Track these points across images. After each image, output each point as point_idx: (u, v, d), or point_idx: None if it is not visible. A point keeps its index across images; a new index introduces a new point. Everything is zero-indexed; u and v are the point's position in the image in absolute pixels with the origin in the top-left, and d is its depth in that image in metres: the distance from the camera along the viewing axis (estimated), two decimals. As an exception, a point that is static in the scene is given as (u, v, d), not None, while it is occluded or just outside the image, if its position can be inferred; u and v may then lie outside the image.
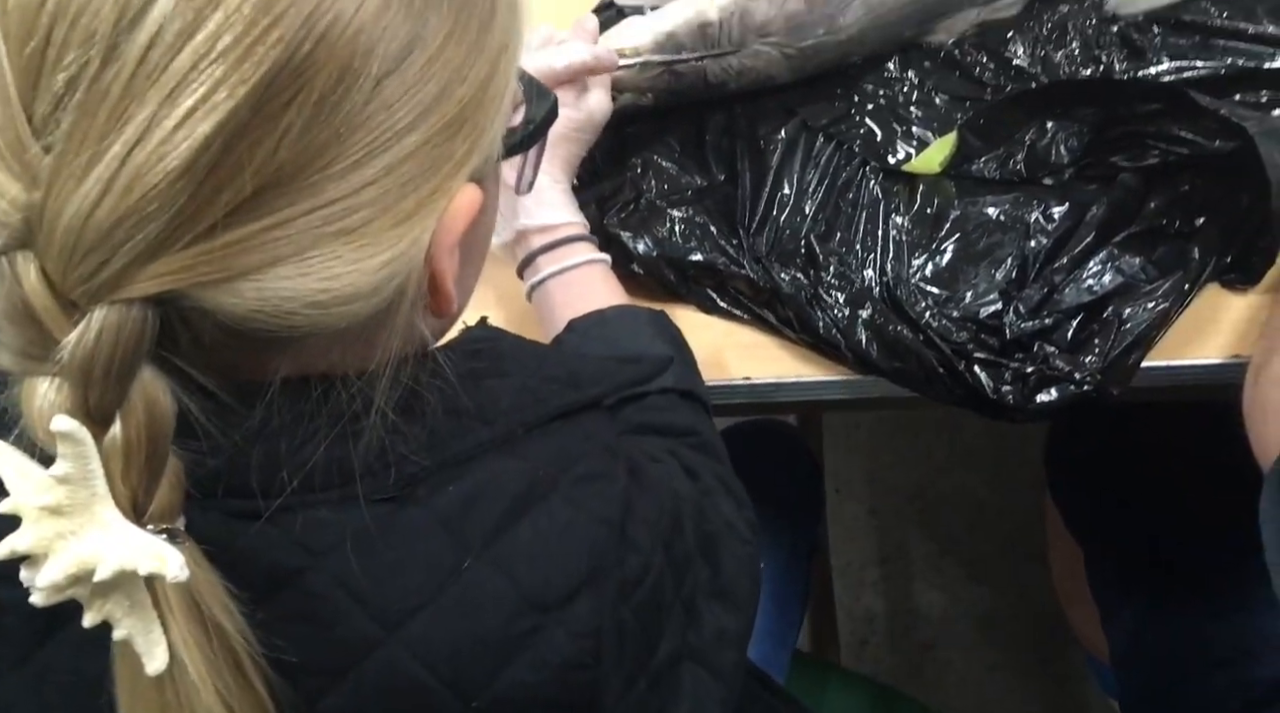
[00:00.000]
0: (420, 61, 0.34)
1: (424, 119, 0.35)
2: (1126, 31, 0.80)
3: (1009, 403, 0.64)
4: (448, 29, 0.35)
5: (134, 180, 0.31)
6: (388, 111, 0.34)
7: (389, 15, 0.33)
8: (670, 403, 0.59)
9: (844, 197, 0.76)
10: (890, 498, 1.42)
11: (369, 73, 0.33)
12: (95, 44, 0.31)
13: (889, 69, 0.82)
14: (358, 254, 0.35)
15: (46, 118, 0.31)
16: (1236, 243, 0.67)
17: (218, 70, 0.31)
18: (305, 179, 0.33)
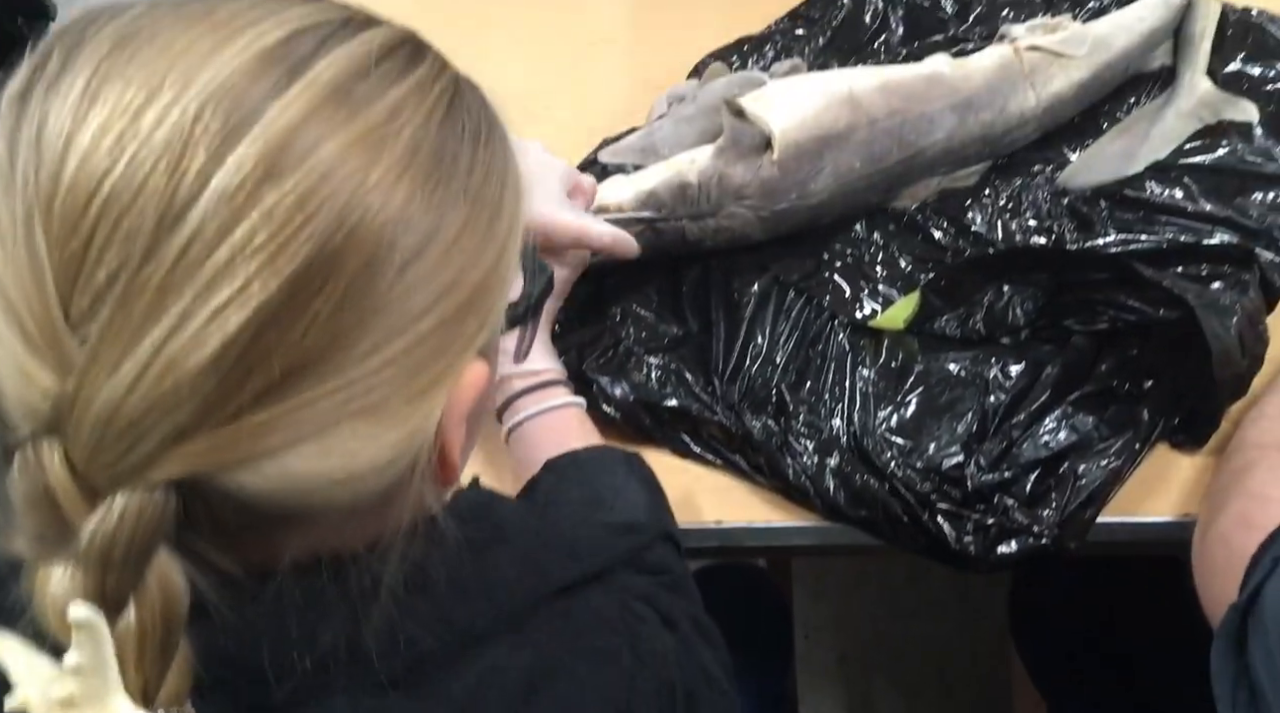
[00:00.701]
0: (438, 250, 0.36)
1: (440, 302, 0.37)
2: (1076, 204, 0.86)
3: (971, 554, 0.66)
4: (463, 219, 0.37)
5: (167, 370, 0.32)
6: (408, 297, 0.35)
7: (412, 208, 0.35)
8: (645, 543, 0.61)
9: (814, 348, 0.79)
10: (859, 646, 1.42)
11: (393, 262, 0.35)
12: (137, 243, 0.32)
13: (856, 230, 0.87)
14: (375, 431, 0.36)
15: (84, 311, 0.32)
16: (1183, 406, 0.71)
17: (252, 264, 0.32)
18: (329, 362, 0.34)
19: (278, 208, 0.33)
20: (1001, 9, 1.02)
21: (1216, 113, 0.90)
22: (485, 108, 0.42)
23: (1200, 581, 0.61)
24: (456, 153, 0.38)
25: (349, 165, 0.34)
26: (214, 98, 0.33)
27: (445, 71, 0.40)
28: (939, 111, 0.86)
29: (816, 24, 1.03)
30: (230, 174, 0.33)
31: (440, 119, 0.37)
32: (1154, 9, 0.95)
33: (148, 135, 0.33)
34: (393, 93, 0.36)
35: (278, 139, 0.33)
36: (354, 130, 0.35)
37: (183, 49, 0.34)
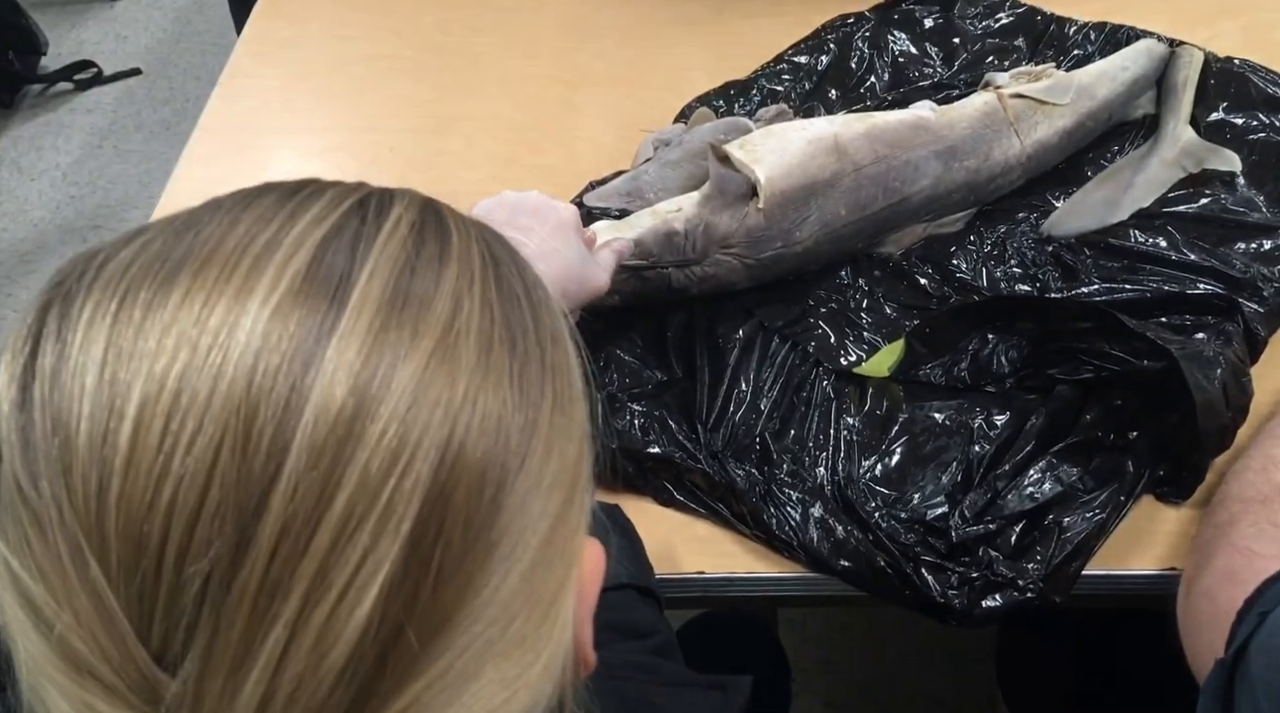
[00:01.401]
0: (540, 444, 0.32)
1: (551, 498, 0.33)
2: (1060, 252, 0.86)
3: (955, 607, 0.65)
4: (550, 397, 0.33)
5: (295, 690, 0.27)
6: (524, 508, 0.32)
7: (506, 411, 0.31)
8: (629, 600, 0.60)
9: (798, 395, 0.79)
10: (846, 692, 1.40)
11: (505, 479, 0.31)
12: (218, 548, 0.27)
13: (842, 276, 0.87)
14: (519, 668, 0.32)
15: (173, 643, 0.28)
16: (1168, 457, 0.71)
17: (362, 538, 0.28)
18: (463, 610, 0.30)
19: (372, 464, 0.28)
20: (986, 56, 1.03)
21: (1200, 162, 0.90)
22: (503, 244, 0.37)
23: (1186, 636, 0.60)
24: (521, 322, 0.34)
25: (433, 389, 0.30)
26: (261, 354, 0.29)
27: (468, 227, 0.36)
28: (924, 158, 0.86)
29: (803, 69, 1.04)
30: (307, 439, 0.28)
31: (495, 291, 0.34)
32: (1137, 58, 0.96)
33: (199, 418, 0.28)
34: (445, 283, 0.32)
35: (348, 384, 0.29)
36: (424, 345, 0.30)
37: (205, 303, 0.29)
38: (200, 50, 2.53)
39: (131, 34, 2.58)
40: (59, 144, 2.30)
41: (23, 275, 2.04)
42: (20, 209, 2.17)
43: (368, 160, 1.01)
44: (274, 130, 1.05)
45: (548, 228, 0.70)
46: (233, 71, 1.11)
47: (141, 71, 2.46)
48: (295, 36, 1.16)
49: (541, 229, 0.70)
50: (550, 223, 0.70)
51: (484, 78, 1.09)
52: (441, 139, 1.02)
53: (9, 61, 2.36)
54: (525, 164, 0.99)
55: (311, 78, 1.11)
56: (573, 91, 1.06)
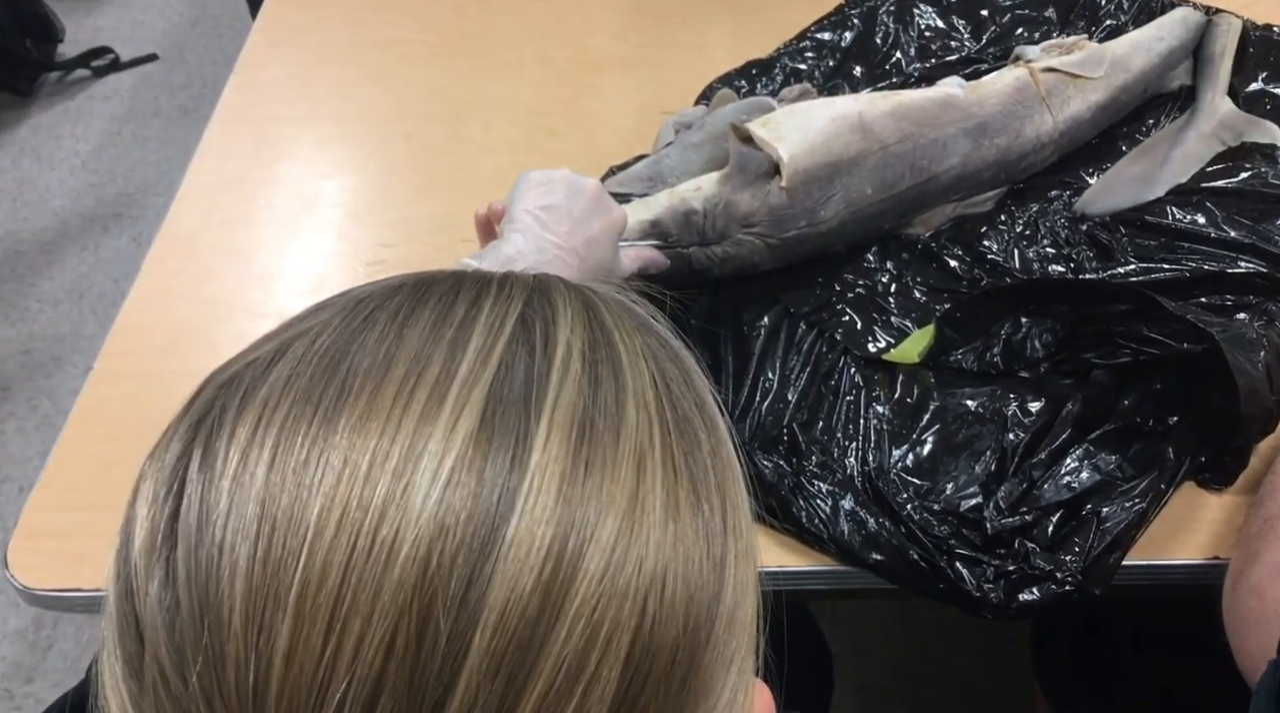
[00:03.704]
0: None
1: (732, 668, 0.30)
2: (1095, 231, 0.83)
3: (991, 602, 0.64)
4: (734, 554, 0.30)
5: None
6: (708, 688, 0.29)
7: (696, 581, 0.28)
8: None
9: (826, 384, 0.77)
10: (878, 675, 1.39)
11: (692, 662, 0.28)
12: None
13: (869, 259, 0.85)
14: None
15: None
16: (1210, 443, 0.68)
17: None
18: None
19: (559, 671, 0.25)
20: (1015, 29, 1.00)
21: (1238, 134, 0.88)
22: (660, 342, 0.34)
23: (1232, 632, 0.58)
24: (701, 463, 0.31)
25: (623, 574, 0.26)
26: (435, 537, 0.25)
27: (631, 337, 0.32)
28: (952, 136, 0.84)
29: (826, 46, 1.01)
30: (488, 641, 0.25)
31: (673, 428, 0.30)
32: (1173, 27, 0.93)
33: (368, 611, 0.25)
34: (626, 431, 0.29)
35: (534, 576, 0.25)
36: (609, 523, 0.27)
37: (369, 468, 0.26)
38: (217, 34, 2.52)
39: (148, 19, 2.57)
40: (78, 132, 2.30)
41: (45, 265, 2.04)
42: (41, 198, 2.17)
43: (385, 148, 1.00)
44: (290, 119, 1.04)
45: (596, 225, 0.69)
46: (246, 60, 1.10)
47: (158, 57, 2.45)
48: (310, 22, 1.14)
49: (589, 224, 0.69)
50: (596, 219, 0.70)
51: (501, 62, 1.07)
52: (459, 125, 1.01)
53: (27, 50, 2.36)
54: (544, 149, 0.97)
55: (327, 64, 1.09)
56: (591, 74, 1.04)
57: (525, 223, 0.67)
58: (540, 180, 0.70)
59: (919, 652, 1.40)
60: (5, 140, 2.29)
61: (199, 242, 0.91)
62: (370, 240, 0.91)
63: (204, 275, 0.88)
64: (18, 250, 2.07)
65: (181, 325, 0.84)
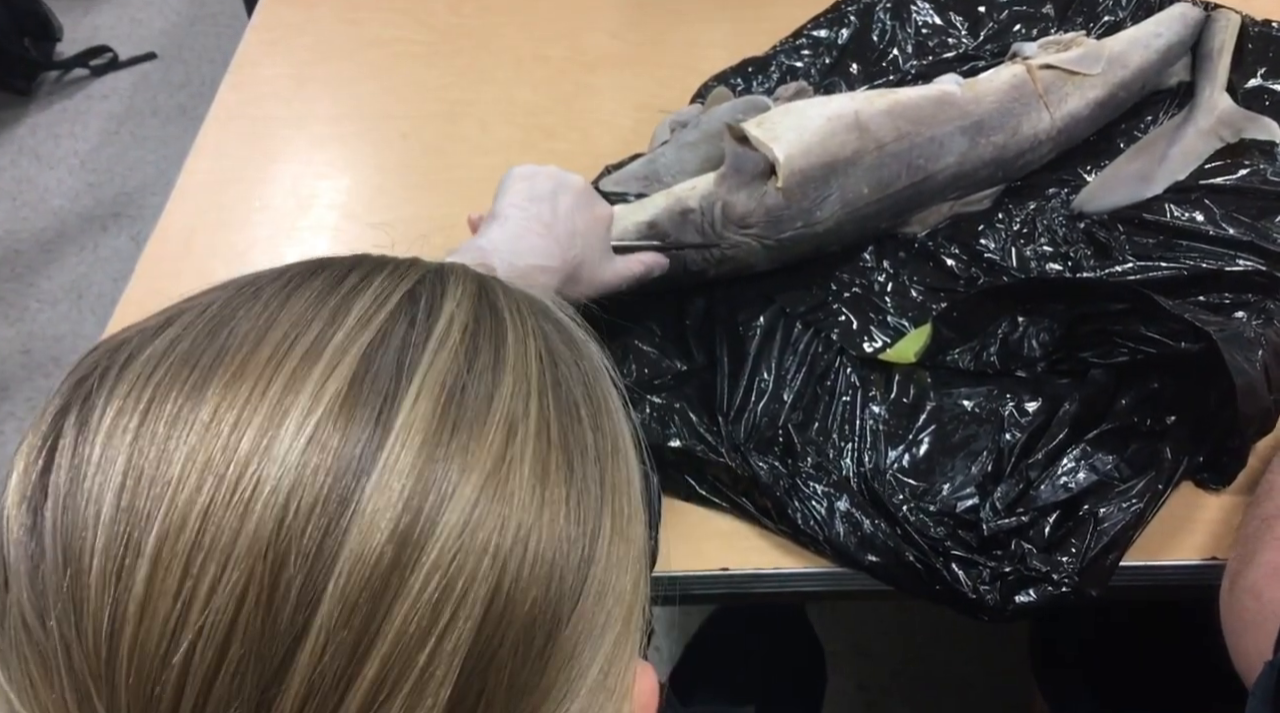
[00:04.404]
0: (594, 588, 0.29)
1: (603, 642, 0.30)
2: (1092, 229, 0.83)
3: (987, 603, 0.63)
4: (609, 531, 0.30)
5: None
6: (573, 658, 0.29)
7: (562, 551, 0.29)
8: None
9: (822, 384, 0.77)
10: (877, 674, 1.39)
11: (552, 631, 0.28)
12: (235, 709, 0.25)
13: (865, 259, 0.84)
14: None
15: None
16: (1207, 443, 0.68)
17: (395, 705, 0.25)
18: None
19: (410, 621, 0.25)
20: (1013, 25, 0.99)
21: (1237, 131, 0.87)
22: (560, 327, 0.35)
23: (1229, 632, 0.58)
24: (580, 439, 0.31)
25: (481, 533, 0.27)
26: (294, 491, 0.26)
27: (525, 319, 0.33)
28: (949, 134, 0.83)
29: (823, 44, 1.01)
30: (340, 591, 0.25)
31: (552, 403, 0.31)
32: (1171, 23, 0.93)
33: (223, 561, 0.25)
34: (498, 403, 0.29)
35: (389, 530, 0.26)
36: (472, 481, 0.27)
37: (235, 425, 0.27)
38: (215, 33, 2.52)
39: (145, 18, 2.57)
40: (76, 131, 2.30)
41: (44, 265, 2.04)
42: (40, 198, 2.17)
43: (381, 147, 1.00)
44: (285, 119, 1.03)
45: (581, 219, 0.69)
46: (242, 60, 1.10)
47: (157, 56, 2.45)
48: (305, 21, 1.14)
49: (574, 218, 0.69)
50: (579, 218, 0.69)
51: (497, 61, 1.06)
52: (455, 124, 1.00)
53: (25, 48, 2.35)
54: (541, 149, 0.97)
55: (323, 63, 1.09)
56: (588, 73, 1.04)
57: (507, 215, 0.67)
58: (525, 174, 0.70)
59: (918, 651, 1.40)
60: (3, 139, 2.29)
61: (194, 242, 0.91)
62: (366, 241, 0.90)
63: (199, 277, 0.87)
64: (16, 250, 2.07)
65: (176, 327, 0.83)
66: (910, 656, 1.40)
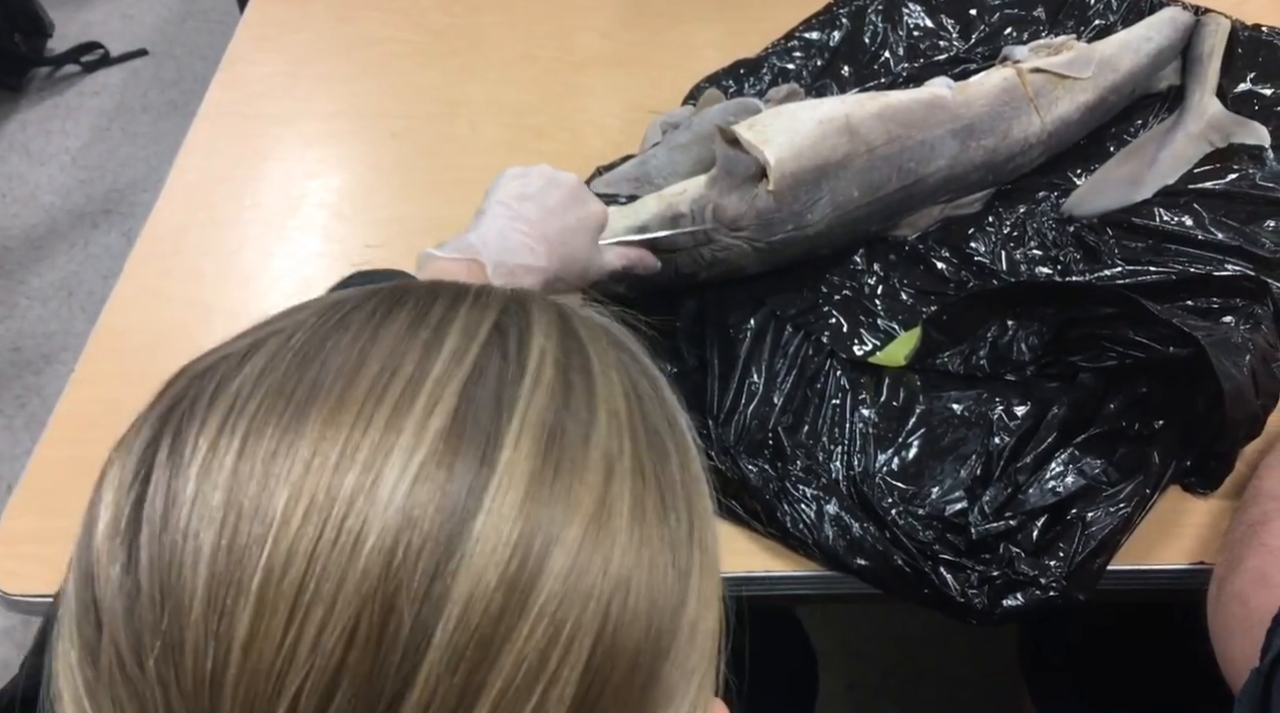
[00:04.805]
0: (686, 626, 0.29)
1: (692, 681, 0.30)
2: (1082, 233, 0.83)
3: (976, 607, 0.63)
4: (698, 568, 0.30)
5: None
6: (672, 691, 0.28)
7: (661, 591, 0.28)
8: None
9: (812, 387, 0.77)
10: (868, 673, 1.39)
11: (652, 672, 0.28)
12: None
13: (856, 261, 0.84)
14: None
15: None
16: (1195, 447, 0.68)
17: None
18: None
19: (518, 669, 0.25)
20: (1004, 28, 1.00)
21: (1227, 135, 0.87)
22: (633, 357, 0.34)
23: (1216, 638, 0.58)
24: (670, 477, 0.31)
25: (588, 576, 0.26)
26: (403, 529, 0.25)
27: (605, 349, 0.32)
28: (940, 138, 0.83)
29: (814, 46, 1.01)
30: (449, 637, 0.25)
31: (644, 440, 0.30)
32: (1161, 27, 0.93)
33: (331, 600, 0.24)
34: (596, 438, 0.29)
35: (498, 571, 0.25)
36: (575, 526, 0.27)
37: (339, 459, 0.26)
38: (207, 30, 2.51)
39: (137, 14, 2.56)
40: (67, 128, 2.29)
41: (35, 261, 2.03)
42: (31, 194, 2.16)
43: (371, 147, 0.99)
44: (276, 117, 1.03)
45: (572, 217, 0.69)
46: (233, 57, 1.09)
47: (148, 52, 2.44)
48: (297, 19, 1.13)
49: (564, 216, 0.69)
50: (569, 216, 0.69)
51: (488, 61, 1.06)
52: (446, 125, 1.00)
53: (15, 44, 2.34)
54: (531, 149, 0.97)
55: (314, 61, 1.09)
56: (578, 73, 1.04)
57: (495, 212, 0.67)
58: (517, 173, 0.70)
59: (909, 652, 1.40)
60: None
61: (184, 241, 0.91)
62: (356, 240, 0.91)
63: (188, 275, 0.88)
64: (6, 247, 2.06)
65: (165, 326, 0.83)
66: (901, 656, 1.40)
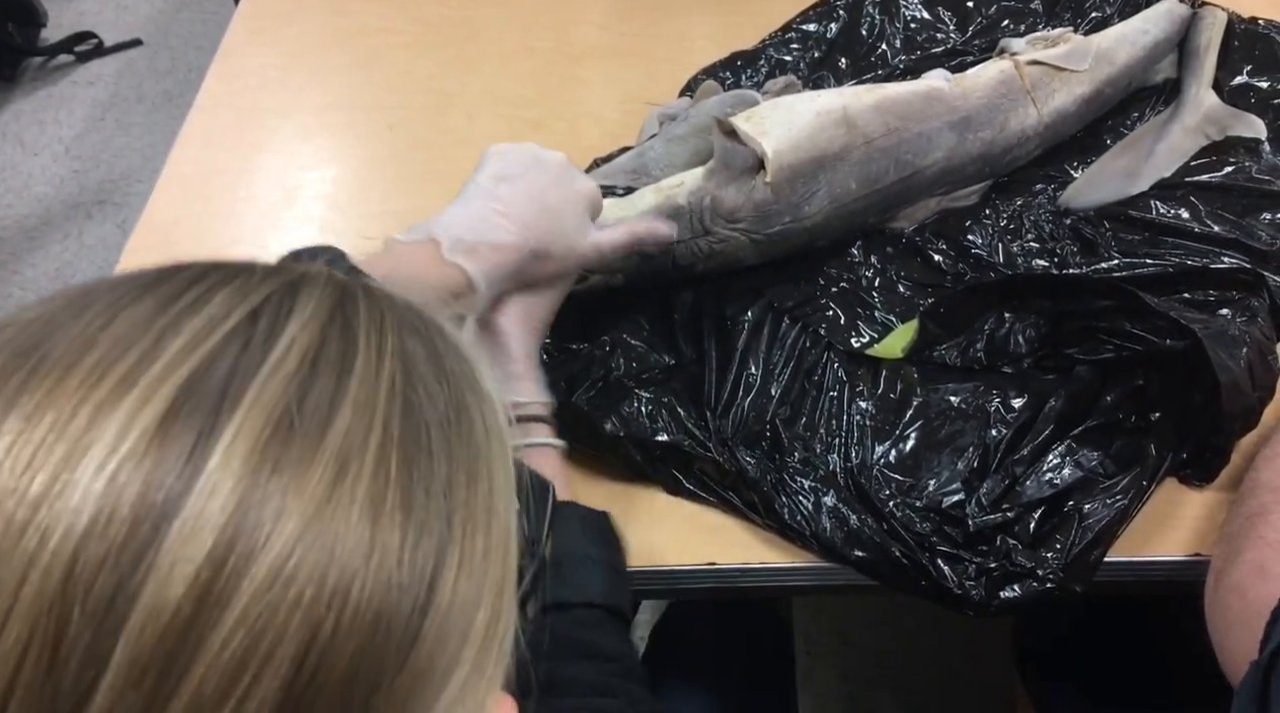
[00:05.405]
0: (436, 617, 0.27)
1: (451, 673, 0.28)
2: (1079, 226, 0.83)
3: (973, 599, 0.64)
4: (458, 552, 0.28)
5: None
6: (406, 698, 0.27)
7: (390, 604, 0.26)
8: (596, 619, 0.58)
9: (809, 379, 0.77)
10: (862, 664, 1.39)
11: (381, 676, 0.26)
12: None
13: (853, 254, 0.84)
14: None
15: None
16: (1191, 439, 0.69)
17: None
18: None
19: (206, 686, 0.24)
20: (1001, 21, 1.00)
21: (1223, 128, 0.87)
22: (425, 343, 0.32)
23: (1214, 630, 0.58)
24: (425, 451, 0.29)
25: (308, 555, 0.25)
26: (87, 538, 0.24)
27: (384, 336, 0.31)
28: (937, 130, 0.83)
29: (812, 38, 1.01)
30: (130, 653, 0.24)
31: (402, 414, 0.29)
32: (1158, 20, 0.93)
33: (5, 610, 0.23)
34: (341, 416, 0.27)
35: (185, 584, 0.24)
36: (305, 496, 0.26)
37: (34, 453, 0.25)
38: (202, 20, 2.50)
39: (131, 4, 2.55)
40: (61, 118, 2.28)
41: (28, 252, 2.03)
42: (24, 184, 2.15)
43: (367, 139, 0.99)
44: (271, 109, 1.03)
45: (554, 194, 0.68)
46: (228, 48, 1.09)
47: (142, 42, 2.43)
48: (293, 10, 1.13)
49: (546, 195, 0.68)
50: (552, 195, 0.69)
51: (484, 52, 1.06)
52: (442, 116, 1.00)
53: (9, 34, 2.33)
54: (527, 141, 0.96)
55: (309, 53, 1.08)
56: (575, 65, 1.04)
57: (469, 192, 0.67)
58: (500, 152, 0.70)
59: (902, 641, 1.41)
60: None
61: (179, 233, 0.91)
62: (352, 232, 0.91)
63: (184, 268, 0.87)
64: (0, 237, 2.05)
65: (161, 319, 0.83)
66: (895, 647, 1.41)
